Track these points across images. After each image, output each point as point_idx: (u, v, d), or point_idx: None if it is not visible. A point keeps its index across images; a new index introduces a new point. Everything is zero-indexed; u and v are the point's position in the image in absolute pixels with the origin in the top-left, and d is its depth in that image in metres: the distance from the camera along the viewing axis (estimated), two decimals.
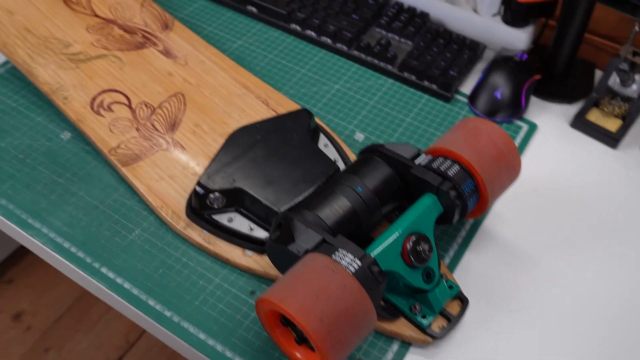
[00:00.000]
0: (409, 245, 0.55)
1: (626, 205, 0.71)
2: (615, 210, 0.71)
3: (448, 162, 0.58)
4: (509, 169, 0.60)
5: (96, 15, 0.85)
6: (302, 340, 0.52)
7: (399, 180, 0.60)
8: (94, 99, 0.76)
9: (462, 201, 0.57)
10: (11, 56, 0.79)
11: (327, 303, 0.47)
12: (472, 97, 0.80)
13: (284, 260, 0.56)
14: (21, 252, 1.53)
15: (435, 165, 0.58)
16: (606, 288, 0.64)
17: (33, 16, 0.83)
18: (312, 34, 0.87)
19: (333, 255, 0.51)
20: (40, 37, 0.81)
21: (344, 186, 0.58)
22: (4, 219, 0.68)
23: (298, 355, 0.52)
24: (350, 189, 0.58)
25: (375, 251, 0.54)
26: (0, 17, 0.83)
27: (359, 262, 0.51)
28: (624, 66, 0.75)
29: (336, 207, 0.57)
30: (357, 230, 0.58)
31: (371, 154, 0.62)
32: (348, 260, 0.51)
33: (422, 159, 0.60)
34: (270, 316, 0.52)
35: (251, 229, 0.64)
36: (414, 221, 0.56)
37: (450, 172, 0.57)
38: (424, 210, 0.57)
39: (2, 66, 0.84)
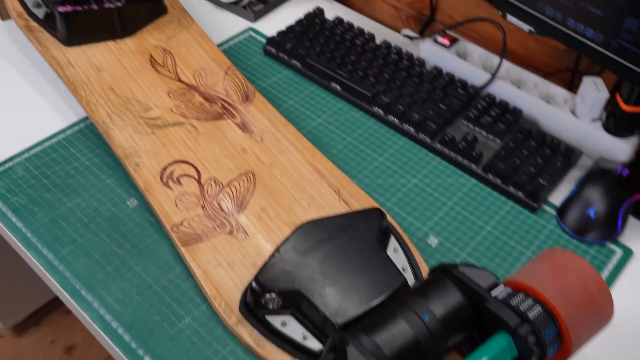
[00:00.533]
0: None
1: None
2: None
3: (529, 301, 0.52)
4: (599, 316, 0.53)
5: (179, 80, 0.84)
6: None
7: (471, 310, 0.55)
8: (164, 169, 0.74)
9: (542, 349, 0.51)
10: (92, 115, 0.79)
11: None
12: (562, 211, 0.73)
13: None
14: None
15: (514, 302, 0.52)
16: None
17: (119, 75, 0.83)
18: (395, 120, 0.83)
19: None
20: (122, 97, 0.81)
21: (409, 311, 0.53)
22: (58, 286, 0.67)
23: None
24: (415, 315, 0.53)
25: None
26: (89, 73, 0.83)
27: None
28: None
29: (397, 335, 0.52)
30: None
31: (443, 275, 0.56)
32: None
33: (499, 291, 0.54)
34: None
35: (305, 338, 0.60)
36: None
37: (531, 314, 0.51)
38: (496, 352, 0.51)
39: (83, 121, 0.84)
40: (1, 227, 0.73)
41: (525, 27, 0.75)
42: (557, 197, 0.77)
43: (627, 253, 0.71)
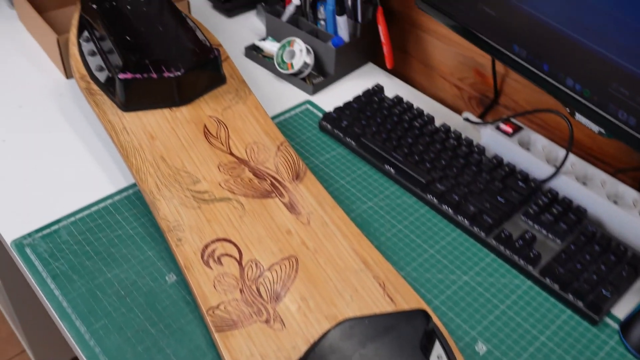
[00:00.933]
0: None
1: None
2: None
3: None
4: None
5: (231, 153, 0.83)
6: None
7: None
8: (206, 246, 0.72)
9: None
10: (141, 183, 0.78)
11: None
12: (626, 326, 0.67)
13: None
14: None
15: None
16: None
17: (172, 145, 0.83)
18: (449, 210, 0.79)
19: None
20: (172, 167, 0.80)
21: None
22: None
23: None
24: None
25: None
26: (142, 141, 0.83)
27: None
28: None
29: None
30: None
31: None
32: None
33: None
34: None
35: None
36: None
37: None
38: None
39: (132, 187, 0.84)
40: (39, 292, 0.72)
41: (595, 128, 0.71)
42: (621, 310, 0.70)
43: None
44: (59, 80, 1.02)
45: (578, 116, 0.71)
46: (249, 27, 1.17)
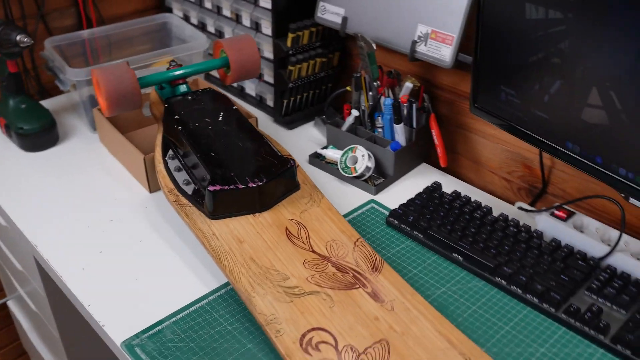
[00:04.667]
0: None
1: None
2: None
3: None
4: None
5: (313, 251, 0.92)
6: None
7: None
8: (303, 336, 0.80)
9: None
10: (235, 283, 0.87)
11: None
12: None
13: None
14: None
15: None
16: None
17: (259, 246, 0.92)
18: (518, 290, 0.87)
19: None
20: (262, 267, 0.89)
21: None
22: None
23: None
24: None
25: None
26: (232, 244, 0.92)
27: None
28: None
29: None
30: None
31: None
32: None
33: None
34: None
35: None
36: None
37: None
38: None
39: (223, 287, 0.93)
40: None
41: None
42: None
43: None
44: (143, 195, 1.13)
45: (632, 200, 0.80)
46: (308, 137, 1.29)
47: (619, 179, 0.80)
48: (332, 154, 1.17)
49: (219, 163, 0.99)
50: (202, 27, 1.49)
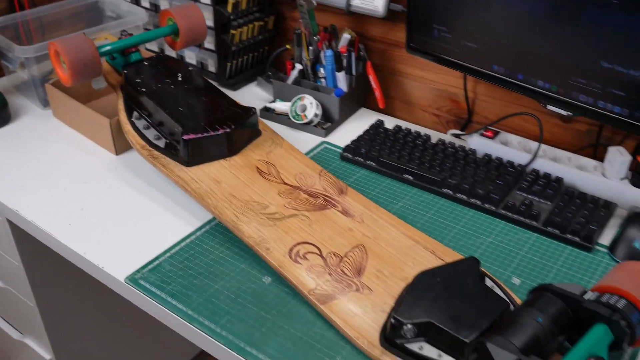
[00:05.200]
0: None
1: None
2: None
3: (615, 297, 0.70)
4: None
5: (285, 183, 1.04)
6: None
7: (570, 313, 0.72)
8: (291, 250, 0.92)
9: (632, 329, 0.68)
10: (220, 216, 0.98)
11: None
12: (613, 247, 0.92)
13: None
14: None
15: (604, 299, 0.70)
16: None
17: (236, 184, 1.03)
18: (463, 196, 1.03)
19: None
20: (242, 200, 1.01)
21: (525, 317, 0.70)
22: (226, 348, 0.83)
23: None
24: (531, 318, 0.70)
25: None
26: (211, 185, 1.03)
27: None
28: None
29: (521, 333, 0.69)
30: (540, 356, 0.69)
31: (543, 291, 0.74)
32: None
33: (590, 295, 0.72)
34: None
35: (440, 356, 0.76)
36: (591, 346, 0.67)
37: (619, 305, 0.69)
38: (598, 337, 0.68)
39: (208, 224, 1.03)
40: (163, 310, 0.90)
41: (564, 112, 0.98)
42: (605, 239, 0.96)
43: None
44: (110, 158, 1.21)
45: (549, 106, 0.98)
46: (253, 96, 1.41)
47: (538, 90, 0.97)
48: (281, 106, 1.29)
49: (188, 116, 1.09)
50: (136, 2, 1.56)
